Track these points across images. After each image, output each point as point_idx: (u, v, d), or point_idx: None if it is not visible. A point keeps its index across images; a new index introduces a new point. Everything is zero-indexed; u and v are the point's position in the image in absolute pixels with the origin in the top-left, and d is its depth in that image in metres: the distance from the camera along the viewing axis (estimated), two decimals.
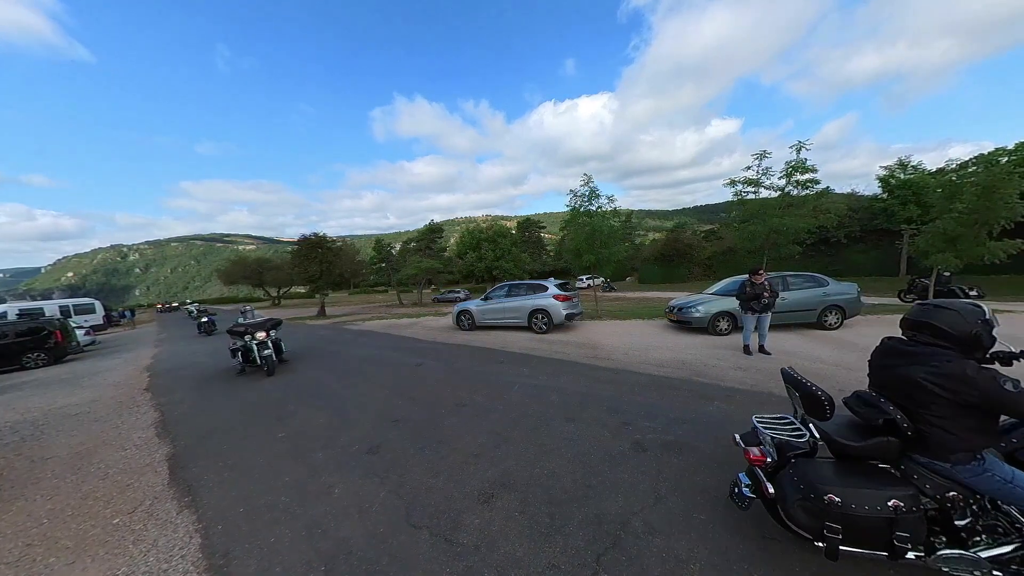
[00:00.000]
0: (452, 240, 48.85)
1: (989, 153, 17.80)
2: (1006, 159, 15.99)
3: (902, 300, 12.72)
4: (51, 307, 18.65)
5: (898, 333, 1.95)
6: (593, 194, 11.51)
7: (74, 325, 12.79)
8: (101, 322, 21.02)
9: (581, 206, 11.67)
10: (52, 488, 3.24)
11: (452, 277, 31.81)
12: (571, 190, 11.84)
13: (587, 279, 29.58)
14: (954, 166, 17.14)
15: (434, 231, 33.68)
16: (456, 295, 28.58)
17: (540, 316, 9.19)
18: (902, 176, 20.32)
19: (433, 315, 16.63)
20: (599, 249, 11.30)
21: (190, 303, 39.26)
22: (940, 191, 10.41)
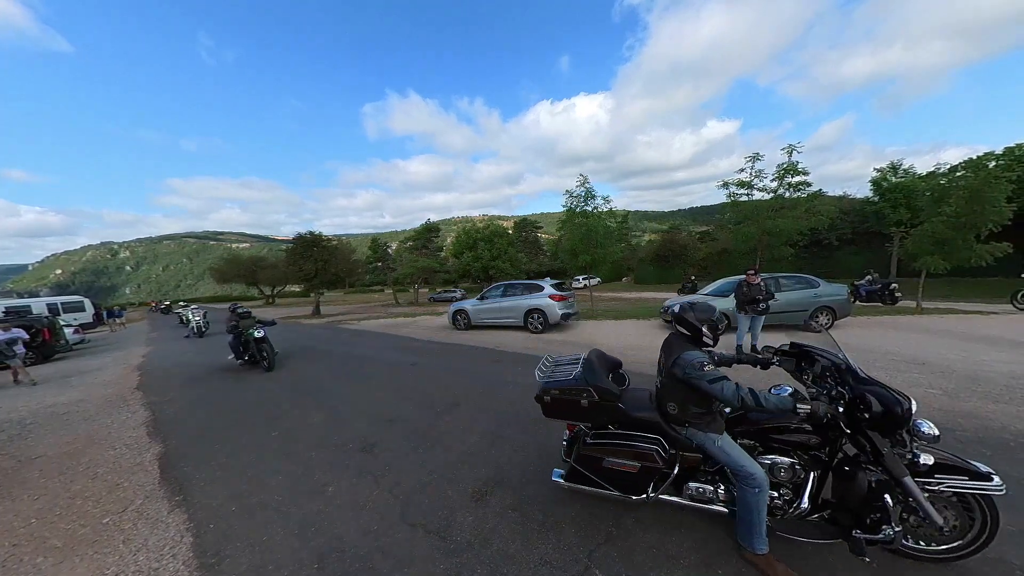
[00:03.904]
0: (448, 240, 48.77)
1: (978, 157, 18.12)
2: (994, 163, 16.30)
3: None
4: (39, 305, 18.35)
5: (887, 333, 2.09)
6: (589, 194, 11.57)
7: (63, 323, 12.58)
8: (91, 320, 20.72)
9: (577, 206, 11.72)
10: (40, 487, 3.20)
11: (448, 277, 31.74)
12: (567, 190, 11.89)
13: (583, 279, 29.69)
14: (944, 170, 17.44)
15: (431, 230, 33.59)
16: (452, 295, 28.51)
17: (536, 316, 9.21)
18: (893, 179, 20.64)
19: (429, 315, 16.60)
20: (595, 249, 11.35)
21: (184, 304, 27.09)
22: (929, 195, 10.58)
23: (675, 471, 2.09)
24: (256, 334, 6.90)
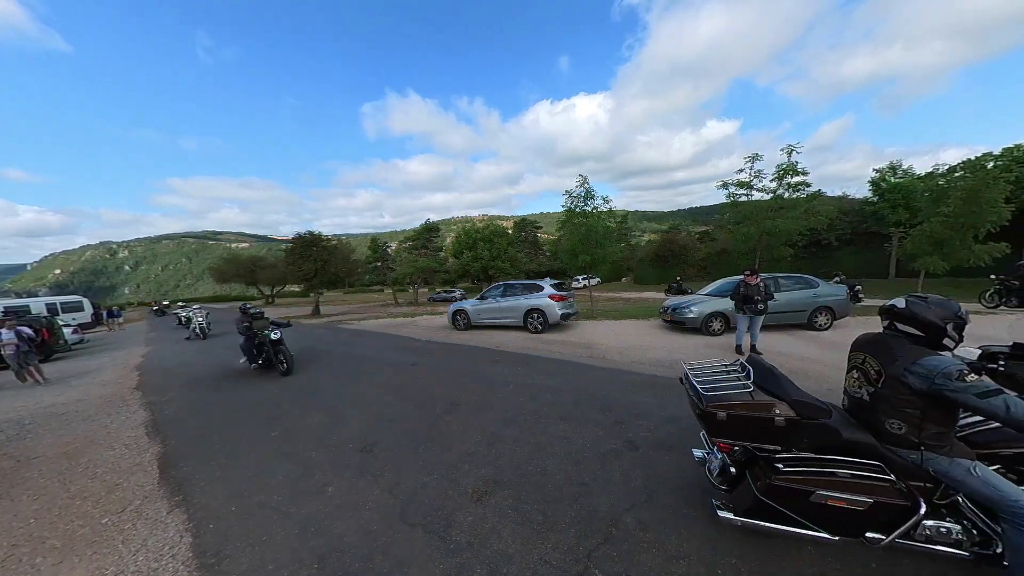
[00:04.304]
0: (448, 240, 48.77)
1: (976, 158, 18.17)
2: (992, 164, 16.34)
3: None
4: (38, 304, 18.32)
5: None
6: (588, 194, 11.58)
7: (61, 323, 12.56)
8: (89, 320, 20.69)
9: (577, 206, 11.73)
10: (39, 488, 3.19)
11: (448, 277, 31.76)
12: (567, 190, 11.90)
13: (583, 279, 29.74)
14: (943, 170, 17.47)
15: (430, 230, 33.59)
16: (452, 295, 28.52)
17: (536, 316, 9.21)
18: (892, 180, 20.69)
19: (428, 315, 16.60)
20: (594, 249, 11.36)
21: (183, 304, 25.26)
22: (928, 195, 10.62)
23: (922, 508, 1.64)
24: (272, 336, 6.46)
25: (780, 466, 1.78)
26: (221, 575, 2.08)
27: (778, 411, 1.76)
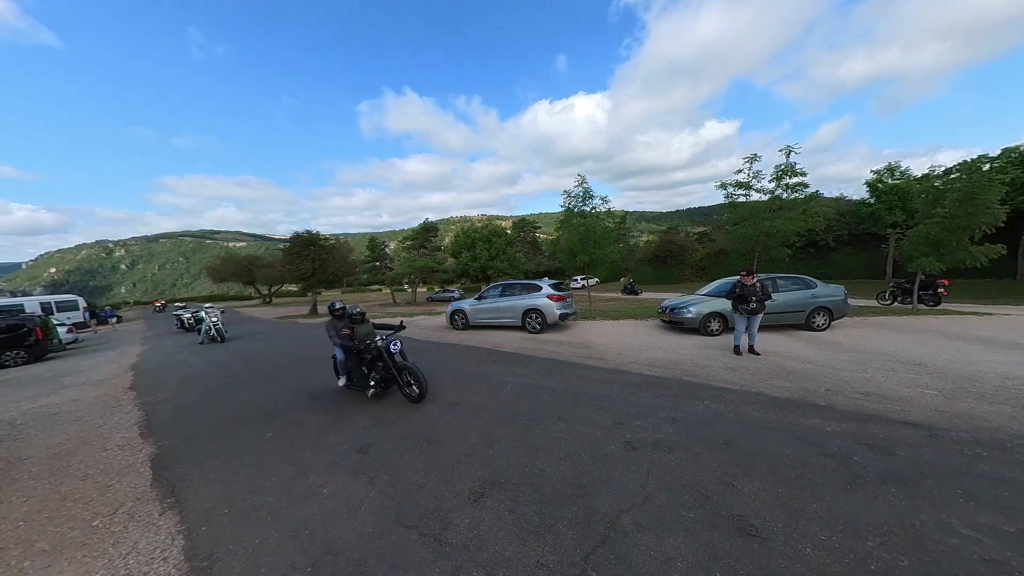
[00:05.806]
0: (446, 239, 48.72)
1: (972, 160, 18.25)
2: (988, 166, 16.41)
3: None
4: (32, 303, 18.18)
5: (883, 334, 2.02)
6: (587, 195, 11.57)
7: (56, 322, 12.46)
8: (84, 319, 20.54)
9: (575, 207, 11.71)
10: (29, 489, 3.14)
11: (446, 276, 31.72)
12: (565, 190, 11.88)
13: (582, 279, 29.76)
14: (939, 172, 17.55)
15: (429, 230, 33.55)
16: (450, 294, 28.48)
17: (534, 316, 9.20)
18: (889, 181, 20.77)
19: (427, 314, 16.55)
20: (593, 250, 11.35)
21: (181, 305, 22.75)
22: (924, 196, 10.67)
23: None
24: (392, 347, 4.66)
25: None
26: None
27: None
